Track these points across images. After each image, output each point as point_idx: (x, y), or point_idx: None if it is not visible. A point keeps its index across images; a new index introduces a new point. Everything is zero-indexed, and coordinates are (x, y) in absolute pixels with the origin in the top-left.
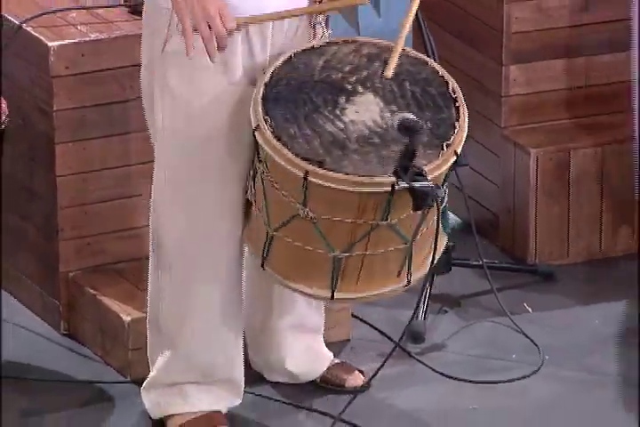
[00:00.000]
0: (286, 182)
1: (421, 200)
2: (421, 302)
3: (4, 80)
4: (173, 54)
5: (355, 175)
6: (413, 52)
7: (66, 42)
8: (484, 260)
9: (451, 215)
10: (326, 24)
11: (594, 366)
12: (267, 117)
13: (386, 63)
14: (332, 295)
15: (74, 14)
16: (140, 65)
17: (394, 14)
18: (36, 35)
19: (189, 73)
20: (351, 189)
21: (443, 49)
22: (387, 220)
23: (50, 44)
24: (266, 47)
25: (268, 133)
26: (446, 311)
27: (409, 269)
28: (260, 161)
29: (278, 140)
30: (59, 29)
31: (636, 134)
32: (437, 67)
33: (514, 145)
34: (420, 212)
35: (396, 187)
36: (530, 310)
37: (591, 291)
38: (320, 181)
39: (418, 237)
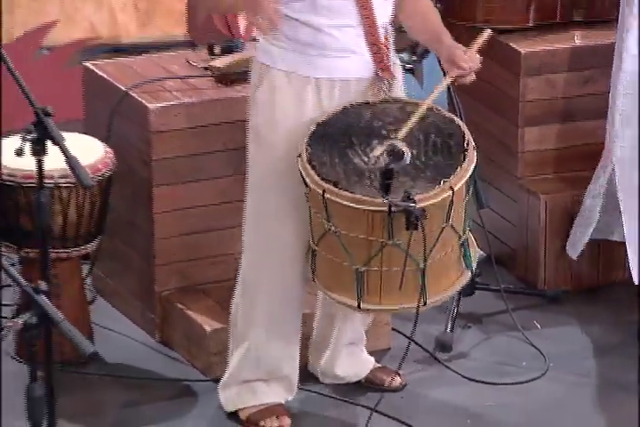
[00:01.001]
0: (315, 201)
1: (407, 219)
2: (450, 319)
3: (113, 136)
4: (261, 100)
5: (360, 195)
6: (445, 112)
7: (162, 104)
8: (502, 285)
9: (479, 251)
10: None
11: (590, 371)
12: (307, 147)
13: (420, 118)
14: (359, 305)
15: (170, 83)
16: (221, 124)
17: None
18: (139, 99)
19: (271, 115)
20: (357, 206)
21: (471, 113)
22: (392, 239)
23: (150, 106)
24: (332, 101)
25: (305, 159)
26: (470, 327)
27: (423, 291)
28: (305, 185)
29: (310, 164)
30: (157, 94)
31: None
32: (462, 125)
33: (527, 192)
34: (420, 236)
35: (394, 209)
36: (539, 326)
37: (589, 311)
38: (334, 198)
39: (429, 261)
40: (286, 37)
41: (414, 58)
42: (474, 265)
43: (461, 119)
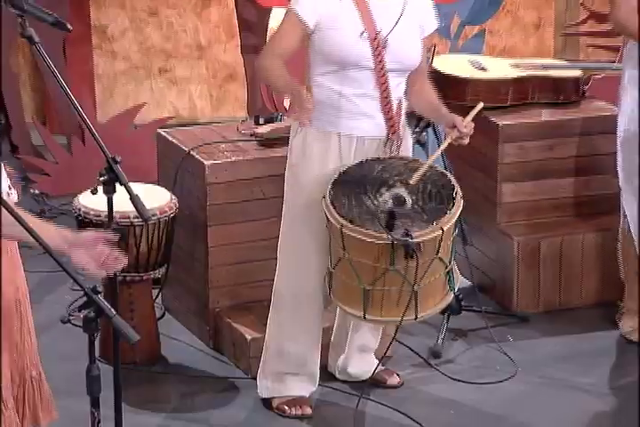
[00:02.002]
0: (334, 233)
1: (405, 251)
2: (441, 333)
3: (178, 187)
4: (295, 151)
5: (370, 231)
6: (440, 169)
7: (216, 162)
8: (483, 307)
9: (461, 278)
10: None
11: (551, 375)
12: (330, 191)
13: (406, 174)
14: (364, 316)
15: (223, 145)
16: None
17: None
18: (198, 157)
19: (303, 162)
20: (368, 240)
21: (461, 172)
22: (393, 265)
23: (206, 163)
24: (350, 154)
25: (328, 200)
26: (456, 339)
27: (415, 307)
28: (327, 220)
29: (332, 204)
30: (212, 154)
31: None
32: (452, 179)
33: (504, 235)
34: (415, 264)
35: (395, 242)
36: (511, 339)
37: (551, 329)
38: (349, 233)
39: (421, 285)
40: (317, 100)
41: (417, 130)
42: (456, 289)
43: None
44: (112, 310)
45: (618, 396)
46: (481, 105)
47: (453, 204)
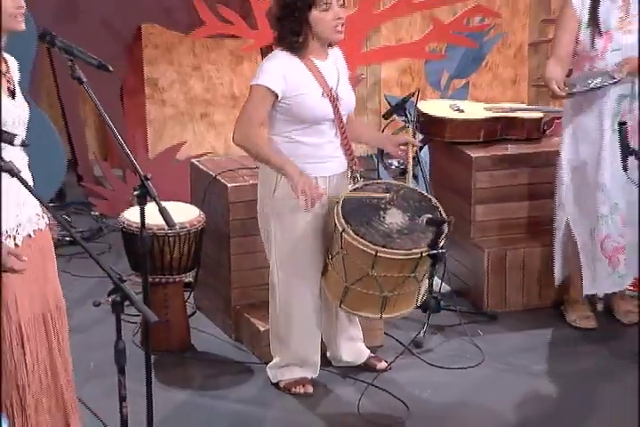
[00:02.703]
0: (359, 257)
1: (434, 259)
2: (423, 327)
3: (206, 205)
4: (280, 197)
5: (405, 250)
6: (420, 190)
7: (237, 184)
8: (458, 307)
9: (440, 282)
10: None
11: (512, 363)
12: (349, 224)
13: (400, 195)
14: (381, 317)
15: (243, 171)
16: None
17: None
18: (222, 181)
19: (290, 209)
20: (404, 257)
21: (442, 196)
22: (414, 272)
23: (229, 185)
24: (327, 188)
25: (352, 234)
26: (436, 333)
27: (418, 297)
28: (341, 248)
29: (358, 235)
30: (234, 178)
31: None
32: (432, 198)
33: (477, 247)
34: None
35: (424, 254)
36: (481, 333)
37: (515, 325)
38: (385, 255)
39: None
40: (288, 154)
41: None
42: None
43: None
44: (135, 296)
45: (568, 380)
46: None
47: (439, 210)
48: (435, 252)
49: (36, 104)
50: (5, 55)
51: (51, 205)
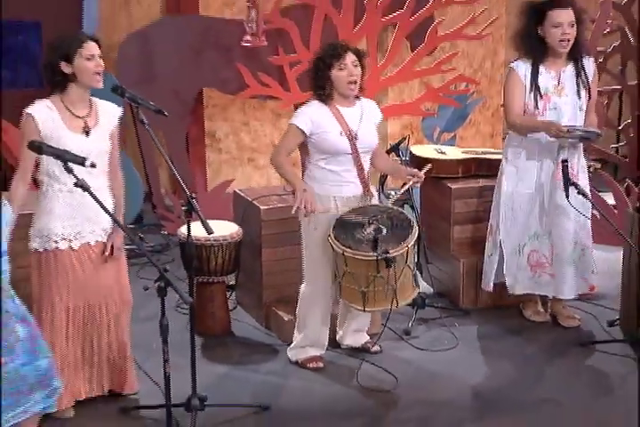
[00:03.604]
0: (339, 257)
1: (386, 263)
2: (411, 319)
3: (244, 223)
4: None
5: (363, 253)
6: (402, 211)
7: (268, 207)
8: (439, 304)
9: (426, 285)
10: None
11: (481, 346)
12: (333, 232)
13: (387, 215)
14: (364, 309)
15: (274, 197)
16: (294, 218)
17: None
18: (257, 204)
19: (314, 224)
20: (362, 258)
21: (429, 220)
22: (379, 273)
23: (261, 207)
24: (342, 206)
25: (333, 238)
26: (421, 324)
27: (396, 298)
28: (332, 250)
29: (336, 239)
30: (265, 202)
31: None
32: (409, 215)
33: (455, 258)
34: (392, 271)
35: (379, 257)
36: (457, 325)
37: (484, 318)
38: (349, 255)
39: (398, 284)
40: (318, 177)
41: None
42: (420, 286)
43: (419, 222)
44: (172, 282)
45: (521, 359)
46: (429, 165)
47: (412, 230)
48: (385, 256)
49: (122, 150)
50: (103, 103)
51: (130, 226)
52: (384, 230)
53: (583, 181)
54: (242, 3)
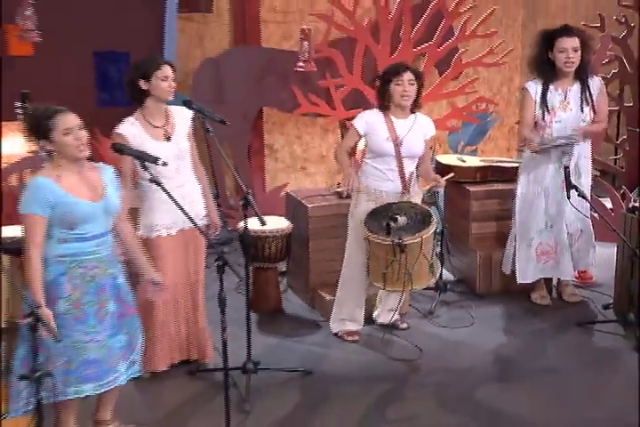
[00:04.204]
0: (366, 241)
1: (400, 248)
2: (434, 302)
3: (294, 219)
4: (354, 206)
5: (381, 237)
6: (428, 209)
7: (314, 205)
8: (459, 289)
9: (448, 273)
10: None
11: (493, 324)
12: (365, 221)
13: (413, 209)
14: (384, 288)
15: (318, 197)
16: (335, 214)
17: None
18: (305, 203)
19: (357, 205)
20: (381, 242)
21: (451, 217)
22: (395, 257)
23: (309, 206)
24: (382, 200)
25: (364, 223)
26: (443, 306)
27: (411, 282)
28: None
29: (365, 226)
30: (312, 201)
31: None
32: (431, 211)
33: (473, 251)
34: (407, 257)
35: (393, 243)
36: (473, 307)
37: (497, 301)
38: (371, 239)
39: (412, 270)
40: (367, 172)
41: (429, 194)
42: (437, 275)
43: (443, 220)
44: (228, 262)
45: (528, 336)
46: (452, 174)
47: (430, 224)
48: (397, 242)
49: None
50: (175, 109)
51: (201, 222)
52: (401, 221)
53: (586, 180)
54: (297, 36)
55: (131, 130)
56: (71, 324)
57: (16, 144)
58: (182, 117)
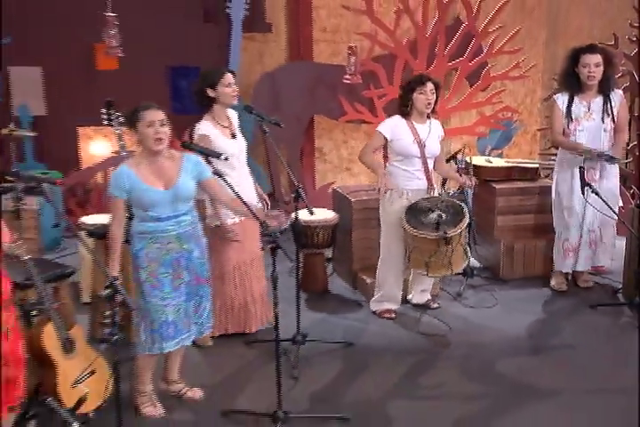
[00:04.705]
0: (409, 236)
1: (445, 241)
2: (462, 285)
3: (339, 211)
4: (385, 202)
5: (428, 233)
6: (456, 202)
7: (357, 199)
8: (484, 275)
9: (474, 261)
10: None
11: (514, 305)
12: (405, 217)
13: (445, 204)
14: (427, 274)
15: (361, 192)
16: (375, 208)
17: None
18: (349, 197)
19: (390, 203)
20: (427, 237)
21: (479, 211)
22: (439, 248)
23: (352, 199)
24: (412, 197)
25: (405, 221)
26: (470, 289)
27: (451, 267)
28: (404, 231)
29: (407, 222)
30: (355, 195)
31: None
32: (463, 205)
33: (497, 241)
34: (449, 247)
35: (440, 237)
36: (496, 290)
37: (519, 286)
38: (416, 234)
39: (453, 256)
40: (394, 174)
41: (459, 191)
42: (470, 257)
43: (471, 214)
44: (280, 245)
45: (546, 316)
46: (476, 181)
47: (464, 216)
48: (444, 236)
49: (255, 161)
50: (231, 111)
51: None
52: (444, 216)
53: (611, 182)
54: (344, 52)
55: (212, 131)
56: (149, 290)
57: (102, 146)
58: (236, 119)
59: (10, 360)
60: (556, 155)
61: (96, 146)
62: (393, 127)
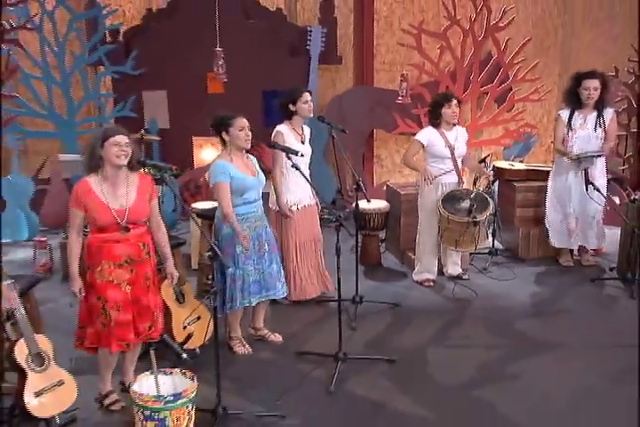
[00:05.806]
0: (443, 219)
1: (474, 224)
2: (487, 262)
3: (391, 201)
4: (424, 193)
5: (461, 218)
6: (483, 193)
7: (405, 192)
8: (505, 254)
9: (497, 243)
10: (462, 185)
11: (530, 278)
12: (442, 204)
13: (473, 194)
14: (456, 249)
15: (408, 187)
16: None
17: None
18: (399, 190)
19: (428, 193)
20: (460, 221)
21: (502, 204)
22: (468, 228)
23: (401, 192)
24: (445, 189)
25: (441, 208)
26: (493, 265)
27: (476, 244)
28: (440, 215)
29: (444, 209)
30: (404, 189)
31: None
32: (487, 197)
33: (516, 227)
34: (476, 226)
35: (469, 220)
36: (515, 267)
37: (534, 263)
38: (452, 218)
39: (479, 235)
40: (430, 172)
41: (487, 188)
42: (489, 236)
43: (496, 206)
44: (343, 224)
45: (555, 286)
46: (491, 174)
47: (489, 205)
48: (474, 220)
49: (325, 162)
50: (305, 127)
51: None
52: (474, 204)
53: (601, 180)
54: (398, 79)
55: (286, 131)
56: (242, 260)
57: (210, 152)
58: (308, 131)
59: (129, 307)
60: None
61: (205, 152)
62: (428, 136)
